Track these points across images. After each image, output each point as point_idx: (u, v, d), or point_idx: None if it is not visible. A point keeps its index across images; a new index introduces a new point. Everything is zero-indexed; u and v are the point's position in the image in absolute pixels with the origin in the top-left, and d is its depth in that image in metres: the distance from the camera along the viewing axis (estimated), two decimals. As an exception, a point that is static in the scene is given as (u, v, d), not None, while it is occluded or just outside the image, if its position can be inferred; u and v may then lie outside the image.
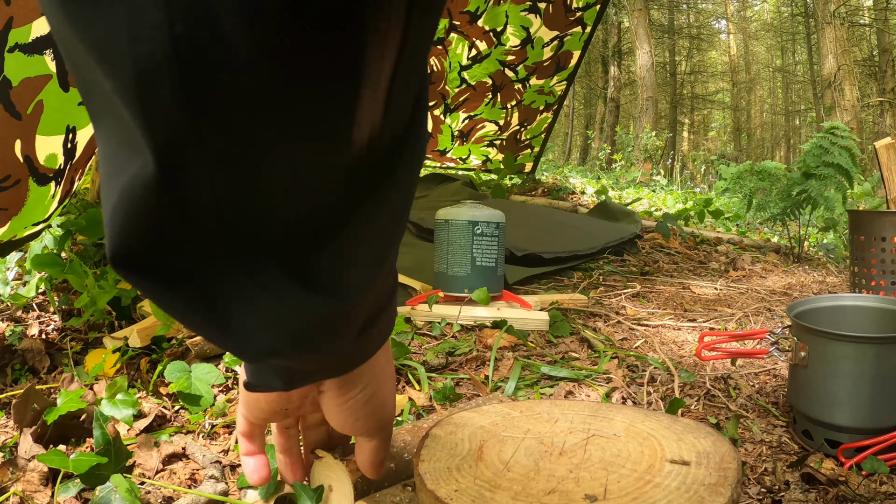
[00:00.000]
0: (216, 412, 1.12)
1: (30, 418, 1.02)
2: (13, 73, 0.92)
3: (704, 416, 1.16)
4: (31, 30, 0.90)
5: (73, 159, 1.11)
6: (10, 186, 1.00)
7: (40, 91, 0.96)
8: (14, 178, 1.00)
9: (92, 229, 1.47)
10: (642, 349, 1.48)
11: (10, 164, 0.98)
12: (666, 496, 0.48)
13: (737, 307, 1.92)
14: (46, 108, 0.98)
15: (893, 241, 1.68)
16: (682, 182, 9.03)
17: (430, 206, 2.69)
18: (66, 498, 0.87)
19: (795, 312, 1.09)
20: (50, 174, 1.06)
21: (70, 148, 1.09)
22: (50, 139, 1.02)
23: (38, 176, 1.04)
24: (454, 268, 1.66)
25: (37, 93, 0.95)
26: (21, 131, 0.97)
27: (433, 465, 0.55)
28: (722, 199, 5.49)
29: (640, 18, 12.88)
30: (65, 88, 0.99)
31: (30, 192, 1.04)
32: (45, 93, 0.96)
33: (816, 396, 1.01)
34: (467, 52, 3.51)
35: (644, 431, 0.58)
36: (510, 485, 0.51)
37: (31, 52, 0.92)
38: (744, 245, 3.12)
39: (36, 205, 1.06)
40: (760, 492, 0.91)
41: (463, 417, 0.65)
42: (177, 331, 1.30)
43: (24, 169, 1.01)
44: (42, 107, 0.98)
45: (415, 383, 1.24)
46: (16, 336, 1.38)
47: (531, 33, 3.39)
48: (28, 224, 1.09)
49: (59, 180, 1.10)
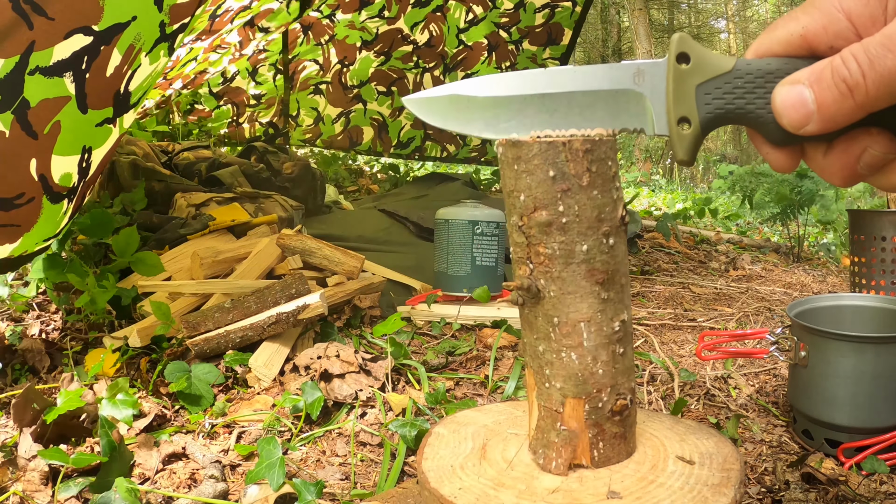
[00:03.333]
0: (216, 412, 1.12)
1: (30, 418, 1.02)
2: (32, 94, 0.93)
3: (704, 415, 1.16)
4: (53, 53, 0.91)
5: (86, 177, 1.12)
6: (23, 204, 1.01)
7: (58, 112, 0.96)
8: (28, 195, 1.01)
9: (93, 229, 1.47)
10: (642, 349, 1.48)
11: (24, 182, 0.99)
12: (670, 496, 0.48)
13: (737, 307, 1.92)
14: (63, 128, 0.99)
15: (893, 240, 1.68)
16: (682, 182, 9.03)
17: (430, 205, 2.69)
18: (66, 497, 0.87)
19: (795, 312, 1.09)
20: (64, 192, 1.07)
21: (85, 167, 1.09)
22: (66, 159, 1.03)
23: (52, 194, 1.04)
24: (454, 267, 1.66)
25: (54, 113, 0.96)
26: (37, 151, 0.98)
27: (436, 464, 0.55)
28: (721, 198, 5.49)
29: (640, 18, 12.87)
30: (83, 110, 1.00)
31: (43, 210, 1.04)
32: (63, 114, 0.97)
33: (816, 396, 1.01)
34: (464, 17, 3.65)
35: (647, 432, 0.58)
36: (514, 483, 0.51)
37: (51, 74, 0.93)
38: (744, 245, 3.12)
39: (48, 221, 1.07)
40: (760, 491, 0.91)
41: (466, 416, 0.65)
42: (176, 331, 1.30)
43: (38, 187, 1.01)
44: (59, 127, 0.98)
45: (415, 383, 1.24)
46: (16, 336, 1.38)
47: None
48: (39, 240, 1.10)
49: (72, 197, 1.11)
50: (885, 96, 0.40)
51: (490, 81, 0.51)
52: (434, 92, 0.53)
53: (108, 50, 0.98)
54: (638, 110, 0.49)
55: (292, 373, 1.21)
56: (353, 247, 1.90)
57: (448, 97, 0.52)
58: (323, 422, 1.10)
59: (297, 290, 1.36)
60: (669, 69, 0.47)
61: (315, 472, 0.96)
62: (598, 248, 0.50)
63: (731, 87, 0.46)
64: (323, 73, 3.80)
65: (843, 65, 0.40)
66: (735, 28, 18.17)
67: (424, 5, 3.57)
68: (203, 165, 2.30)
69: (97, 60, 0.97)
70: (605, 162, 0.49)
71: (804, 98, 0.42)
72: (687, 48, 0.47)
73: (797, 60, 0.44)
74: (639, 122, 0.49)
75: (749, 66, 0.45)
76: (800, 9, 0.44)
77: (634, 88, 0.49)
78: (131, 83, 1.10)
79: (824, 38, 0.42)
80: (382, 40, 3.69)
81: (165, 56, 1.16)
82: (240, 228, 1.80)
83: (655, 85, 0.48)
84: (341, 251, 1.61)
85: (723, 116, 0.47)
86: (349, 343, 1.35)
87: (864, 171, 0.43)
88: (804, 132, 0.43)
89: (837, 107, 0.41)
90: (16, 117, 0.93)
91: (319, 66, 3.78)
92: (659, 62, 0.48)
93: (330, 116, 3.98)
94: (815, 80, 0.41)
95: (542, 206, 0.49)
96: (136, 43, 1.02)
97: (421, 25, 3.66)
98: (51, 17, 0.88)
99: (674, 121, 0.47)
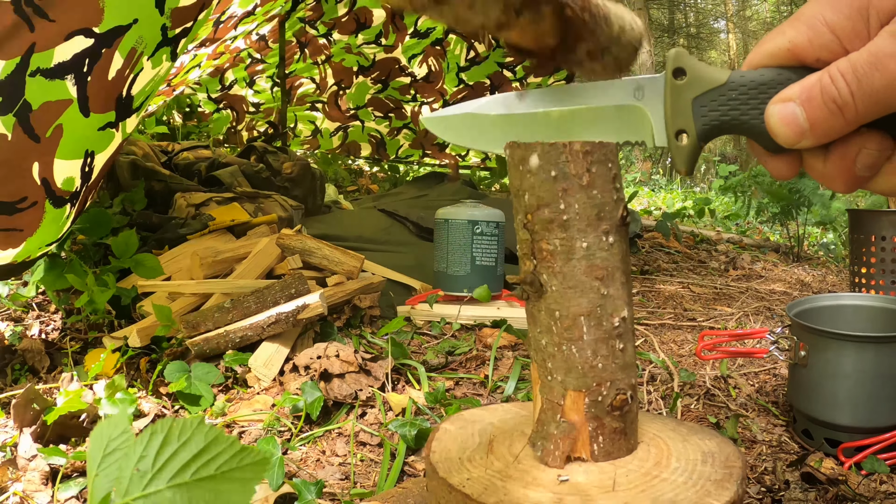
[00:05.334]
0: (216, 412, 1.12)
1: (30, 418, 1.02)
2: (34, 96, 0.93)
3: (704, 415, 1.16)
4: (54, 55, 0.91)
5: (88, 181, 1.12)
6: (26, 208, 1.01)
7: (60, 115, 0.97)
8: (31, 200, 1.01)
9: (92, 229, 1.47)
10: (642, 348, 1.48)
11: (27, 187, 0.99)
12: (673, 489, 0.49)
13: (736, 306, 1.92)
14: (66, 132, 0.99)
15: (893, 240, 1.68)
16: (682, 181, 9.04)
17: (429, 205, 2.69)
18: (66, 497, 0.87)
19: (795, 312, 1.09)
20: (66, 196, 1.07)
21: (87, 171, 1.09)
22: (68, 163, 1.03)
23: (55, 198, 1.04)
24: (454, 267, 1.66)
25: (56, 117, 0.96)
26: (39, 154, 0.98)
27: (445, 456, 0.56)
28: (721, 198, 5.49)
29: (639, 17, 12.88)
30: (85, 114, 1.00)
31: (45, 214, 1.04)
32: (65, 117, 0.97)
33: (816, 396, 1.01)
34: (465, 54, 3.58)
35: (650, 432, 0.59)
36: (521, 475, 0.52)
37: (53, 76, 0.93)
38: (743, 244, 3.12)
39: (51, 226, 1.07)
40: (760, 491, 0.91)
41: (473, 414, 0.66)
42: (176, 331, 1.30)
43: (40, 191, 1.01)
44: (61, 131, 0.98)
45: (415, 383, 1.24)
46: (16, 336, 1.38)
47: None
48: (42, 244, 1.10)
49: (75, 202, 1.10)
50: (874, 112, 0.41)
51: (500, 100, 0.56)
52: (450, 111, 0.58)
53: (110, 53, 0.98)
54: (639, 124, 0.52)
55: (292, 373, 1.21)
56: (353, 246, 1.90)
57: (462, 115, 0.57)
58: (323, 422, 1.10)
59: (296, 289, 1.36)
60: (667, 84, 0.49)
61: (315, 471, 0.96)
62: (598, 246, 0.51)
63: (726, 100, 0.47)
64: (319, 92, 3.78)
65: (831, 84, 0.41)
66: (734, 28, 18.19)
67: (423, 36, 3.51)
68: (203, 165, 2.30)
69: (99, 63, 0.97)
70: (605, 164, 0.51)
71: (796, 117, 0.43)
72: (683, 63, 0.49)
73: (789, 71, 0.45)
74: (640, 135, 0.52)
75: (743, 77, 0.47)
76: (787, 23, 0.45)
77: (635, 103, 0.51)
78: (133, 87, 1.10)
79: (810, 50, 0.44)
80: (379, 68, 3.64)
81: (168, 61, 1.16)
82: (239, 228, 1.80)
83: (654, 99, 0.51)
84: (341, 251, 1.61)
85: (719, 128, 0.48)
86: (349, 343, 1.35)
87: (862, 172, 0.44)
88: (799, 147, 0.44)
89: (829, 125, 0.42)
90: (18, 120, 0.93)
91: (316, 84, 3.77)
92: (657, 77, 0.51)
93: (328, 130, 3.97)
94: (805, 100, 0.42)
95: (545, 205, 0.51)
96: (137, 46, 1.02)
97: (419, 59, 3.60)
98: (52, 18, 0.89)
99: (672, 133, 0.50)
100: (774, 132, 0.44)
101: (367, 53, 3.59)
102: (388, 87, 3.72)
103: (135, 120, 1.19)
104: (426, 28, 3.46)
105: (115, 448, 0.36)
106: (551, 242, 0.51)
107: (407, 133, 3.96)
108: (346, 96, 3.78)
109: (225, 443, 0.36)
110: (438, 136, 0.58)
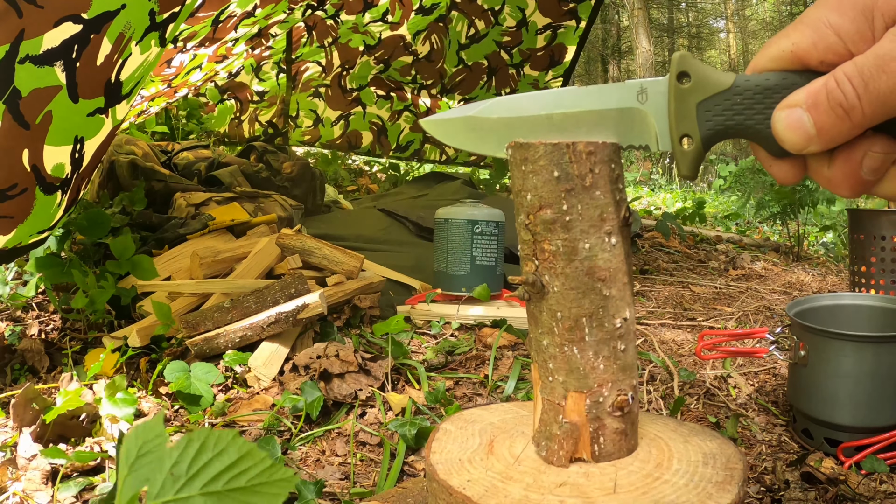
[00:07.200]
0: (216, 412, 1.12)
1: (30, 418, 1.02)
2: (23, 83, 0.92)
3: (704, 415, 1.16)
4: (43, 42, 0.91)
5: (79, 169, 1.12)
6: (16, 195, 1.01)
7: (49, 102, 0.96)
8: (21, 186, 1.01)
9: (92, 229, 1.47)
10: (642, 348, 1.48)
11: (16, 173, 0.99)
12: (675, 491, 0.49)
13: (736, 306, 1.92)
14: (55, 118, 0.99)
15: (893, 239, 1.68)
16: (681, 181, 9.04)
17: (429, 204, 2.69)
18: (66, 497, 0.87)
19: (795, 311, 1.09)
20: (57, 183, 1.07)
21: (77, 158, 1.09)
22: (58, 149, 1.03)
23: (45, 185, 1.04)
24: (454, 266, 1.66)
25: (46, 103, 0.96)
26: (29, 141, 0.98)
27: (444, 457, 0.56)
28: (721, 197, 5.49)
29: (639, 17, 12.88)
30: (74, 100, 1.00)
31: (36, 201, 1.04)
32: (55, 104, 0.97)
33: (816, 395, 1.01)
34: (466, 31, 3.62)
35: (651, 433, 0.59)
36: (522, 477, 0.52)
37: (42, 63, 0.93)
38: (743, 244, 3.12)
39: (42, 213, 1.07)
40: (760, 490, 0.91)
41: (473, 414, 0.66)
42: (176, 331, 1.30)
43: (30, 178, 1.01)
44: (51, 117, 0.98)
45: (414, 382, 1.24)
46: (15, 336, 1.37)
47: (526, 15, 3.54)
48: (33, 232, 1.10)
49: (66, 189, 1.10)
50: (880, 115, 0.41)
51: (501, 103, 0.55)
52: (450, 114, 0.57)
53: (98, 38, 0.97)
54: (643, 128, 0.51)
55: (292, 372, 1.21)
56: (353, 246, 1.90)
57: (463, 119, 0.56)
58: (322, 421, 1.10)
59: (296, 289, 1.36)
60: (671, 88, 0.49)
61: (315, 471, 0.96)
62: (600, 247, 0.51)
63: (731, 104, 0.47)
64: (325, 75, 3.80)
65: (837, 88, 0.41)
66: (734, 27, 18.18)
67: (428, 13, 3.55)
68: (202, 165, 2.30)
69: (87, 49, 0.97)
70: (608, 164, 0.51)
71: (803, 122, 0.43)
72: (687, 67, 0.48)
73: (794, 75, 0.44)
74: (644, 138, 0.51)
75: (748, 82, 0.46)
76: (791, 26, 0.45)
77: (638, 107, 0.51)
78: (122, 72, 1.09)
79: (814, 53, 0.43)
80: (384, 46, 3.67)
81: (157, 46, 1.15)
82: (239, 228, 1.80)
83: (658, 103, 0.50)
84: (341, 251, 1.61)
85: (723, 132, 0.48)
86: (349, 343, 1.35)
87: (868, 176, 0.44)
88: (806, 152, 0.44)
89: (836, 130, 0.42)
90: (7, 107, 0.93)
91: (322, 67, 3.78)
92: (661, 80, 0.50)
93: (329, 119, 3.97)
94: (811, 105, 0.42)
95: (547, 205, 0.51)
96: (125, 31, 1.02)
97: (423, 35, 3.64)
98: (40, 5, 0.88)
99: (676, 138, 0.49)
100: (781, 138, 0.44)
101: (374, 32, 3.61)
102: (390, 68, 3.74)
103: (125, 107, 1.19)
104: (431, 4, 3.50)
105: (149, 450, 0.37)
106: (553, 243, 0.51)
107: (408, 116, 3.97)
108: (349, 76, 3.80)
109: (257, 457, 0.38)
110: (439, 140, 0.57)
